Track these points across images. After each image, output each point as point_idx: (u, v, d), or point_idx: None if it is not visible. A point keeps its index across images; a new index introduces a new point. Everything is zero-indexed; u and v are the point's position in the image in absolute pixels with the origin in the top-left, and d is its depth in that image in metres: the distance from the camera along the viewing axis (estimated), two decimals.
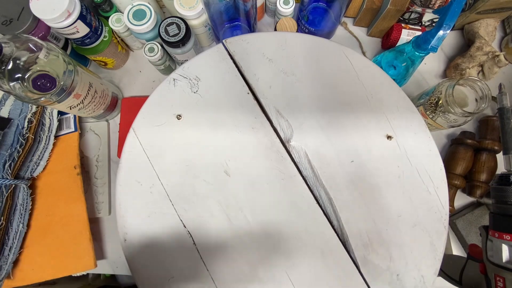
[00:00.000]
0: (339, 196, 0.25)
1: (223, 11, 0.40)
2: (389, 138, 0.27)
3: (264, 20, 0.54)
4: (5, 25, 0.38)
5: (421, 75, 0.50)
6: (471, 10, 0.46)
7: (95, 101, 0.42)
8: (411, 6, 0.45)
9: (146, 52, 0.42)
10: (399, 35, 0.46)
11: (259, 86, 0.28)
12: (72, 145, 0.46)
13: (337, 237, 0.25)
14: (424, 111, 0.40)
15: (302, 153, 0.26)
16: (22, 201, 0.42)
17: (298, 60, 0.29)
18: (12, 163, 0.41)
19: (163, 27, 0.40)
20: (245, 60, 0.28)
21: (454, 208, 0.44)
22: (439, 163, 0.26)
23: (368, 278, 0.24)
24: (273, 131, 0.27)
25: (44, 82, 0.34)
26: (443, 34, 0.34)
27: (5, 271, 0.40)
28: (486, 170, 0.42)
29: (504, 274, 0.26)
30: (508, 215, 0.28)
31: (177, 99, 0.27)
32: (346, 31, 0.52)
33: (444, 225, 0.26)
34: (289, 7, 0.44)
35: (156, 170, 0.26)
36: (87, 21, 0.40)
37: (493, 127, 0.44)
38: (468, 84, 0.37)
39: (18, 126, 0.43)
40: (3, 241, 0.41)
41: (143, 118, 0.27)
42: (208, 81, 0.28)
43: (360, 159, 0.26)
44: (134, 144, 0.27)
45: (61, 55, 0.35)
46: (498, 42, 0.51)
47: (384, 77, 0.28)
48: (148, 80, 0.51)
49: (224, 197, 0.26)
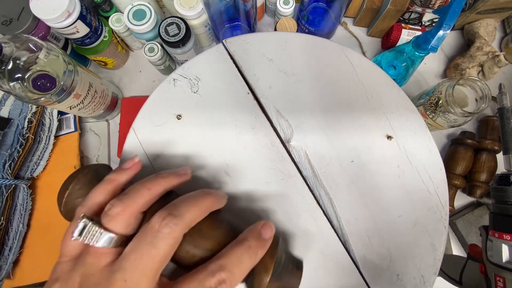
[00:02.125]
0: (339, 196, 0.25)
1: (223, 11, 0.40)
2: (389, 138, 0.27)
3: (264, 20, 0.54)
4: (5, 25, 0.38)
5: (421, 75, 0.50)
6: (471, 10, 0.46)
7: (95, 101, 0.42)
8: (411, 6, 0.45)
9: (146, 52, 0.42)
10: (399, 35, 0.46)
11: (259, 86, 0.28)
12: (72, 145, 0.46)
13: (337, 237, 0.25)
14: (424, 111, 0.40)
15: (302, 153, 0.26)
16: (22, 201, 0.42)
17: (298, 60, 0.29)
18: (12, 163, 0.41)
19: (163, 27, 0.40)
20: (245, 60, 0.28)
21: (454, 208, 0.44)
22: (439, 163, 0.26)
23: (368, 278, 0.24)
24: (273, 131, 0.27)
25: (44, 82, 0.34)
26: (443, 34, 0.34)
27: (5, 271, 0.40)
28: (486, 170, 0.42)
29: (504, 274, 0.26)
30: (508, 215, 0.28)
31: (177, 99, 0.27)
32: (346, 31, 0.52)
33: (444, 225, 0.26)
34: (289, 7, 0.44)
35: (156, 170, 0.26)
36: (87, 21, 0.40)
37: (493, 127, 0.44)
38: (468, 84, 0.37)
39: (18, 126, 0.43)
40: (3, 241, 0.41)
41: (143, 118, 0.27)
42: (208, 81, 0.28)
43: (360, 159, 0.26)
44: (134, 144, 0.27)
45: (61, 55, 0.35)
46: (498, 42, 0.51)
47: (384, 77, 0.28)
48: (148, 80, 0.51)
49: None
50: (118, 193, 0.19)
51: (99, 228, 0.17)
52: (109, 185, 0.19)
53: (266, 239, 0.19)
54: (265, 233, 0.19)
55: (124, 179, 0.20)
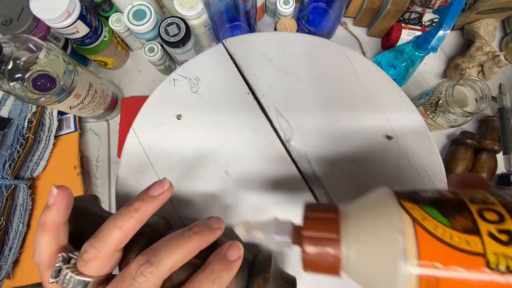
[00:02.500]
0: (339, 196, 0.25)
1: (223, 11, 0.40)
2: (389, 138, 0.27)
3: (264, 20, 0.54)
4: (5, 25, 0.38)
5: (421, 75, 0.50)
6: (471, 10, 0.46)
7: (95, 101, 0.42)
8: (411, 6, 0.45)
9: (146, 52, 0.42)
10: (399, 35, 0.46)
11: (259, 86, 0.28)
12: (72, 145, 0.46)
13: None
14: (424, 111, 0.40)
15: (302, 153, 0.26)
16: (22, 201, 0.42)
17: (298, 60, 0.29)
18: (12, 163, 0.41)
19: (163, 27, 0.40)
20: (245, 60, 0.28)
21: None
22: (439, 163, 0.26)
23: None
24: (273, 131, 0.27)
25: (44, 82, 0.34)
26: (443, 34, 0.34)
27: (5, 271, 0.40)
28: (486, 170, 0.42)
29: None
30: None
31: (177, 99, 0.27)
32: (346, 31, 0.52)
33: None
34: (289, 7, 0.44)
35: (156, 170, 0.26)
36: (87, 21, 0.40)
37: (493, 127, 0.44)
38: (468, 84, 0.37)
39: (18, 126, 0.43)
40: (3, 241, 0.41)
41: (143, 118, 0.27)
42: (208, 81, 0.28)
43: (360, 159, 0.26)
44: (134, 144, 0.27)
45: (61, 55, 0.35)
46: (498, 42, 0.51)
47: (384, 77, 0.28)
48: (148, 80, 0.51)
49: (224, 197, 0.26)
50: (136, 229, 0.17)
51: (72, 273, 0.16)
52: (130, 220, 0.17)
53: (232, 260, 0.18)
54: (231, 255, 0.18)
55: (150, 211, 0.18)
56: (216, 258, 0.18)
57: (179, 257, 0.16)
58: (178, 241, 0.17)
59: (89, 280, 0.16)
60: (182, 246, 0.17)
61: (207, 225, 0.18)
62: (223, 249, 0.18)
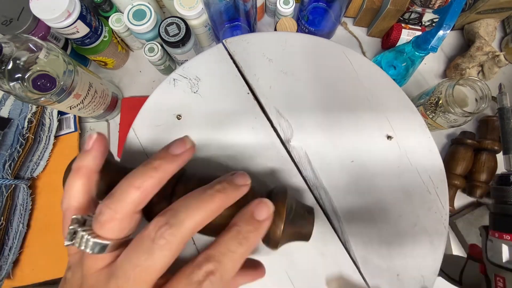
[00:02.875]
0: (339, 196, 0.25)
1: (223, 11, 0.40)
2: (389, 138, 0.27)
3: (264, 20, 0.54)
4: (5, 25, 0.38)
5: (421, 75, 0.50)
6: (471, 10, 0.46)
7: (95, 101, 0.42)
8: (411, 6, 0.45)
9: (146, 52, 0.42)
10: (399, 35, 0.47)
11: (259, 86, 0.28)
12: (72, 145, 0.46)
13: (337, 237, 0.25)
14: (424, 111, 0.40)
15: (302, 153, 0.26)
16: (22, 201, 0.42)
17: (298, 60, 0.29)
18: (12, 163, 0.41)
19: (163, 27, 0.40)
20: (245, 60, 0.28)
21: (454, 208, 0.44)
22: (439, 163, 0.26)
23: (368, 278, 0.24)
24: (273, 131, 0.27)
25: (44, 82, 0.34)
26: (443, 34, 0.34)
27: (5, 271, 0.40)
28: (486, 170, 0.42)
29: (504, 274, 0.26)
30: (508, 215, 0.28)
31: (177, 99, 0.27)
32: (346, 31, 0.52)
33: (444, 225, 0.26)
34: (289, 7, 0.44)
35: None
36: (87, 21, 0.40)
37: (493, 127, 0.44)
38: (468, 84, 0.37)
39: (18, 126, 0.43)
40: (3, 241, 0.41)
41: (143, 118, 0.27)
42: (208, 81, 0.28)
43: (360, 159, 0.26)
44: (134, 144, 0.27)
45: (61, 55, 0.35)
46: (498, 42, 0.51)
47: (384, 77, 0.28)
48: (148, 80, 0.51)
49: None
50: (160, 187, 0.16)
51: (89, 236, 0.15)
52: (149, 180, 0.15)
53: (259, 220, 0.16)
54: (259, 214, 0.16)
55: (171, 171, 0.16)
56: (242, 217, 0.16)
57: (201, 217, 0.15)
58: (200, 200, 0.15)
59: (107, 243, 0.15)
60: (204, 205, 0.15)
61: (230, 182, 0.16)
62: (249, 208, 0.16)
